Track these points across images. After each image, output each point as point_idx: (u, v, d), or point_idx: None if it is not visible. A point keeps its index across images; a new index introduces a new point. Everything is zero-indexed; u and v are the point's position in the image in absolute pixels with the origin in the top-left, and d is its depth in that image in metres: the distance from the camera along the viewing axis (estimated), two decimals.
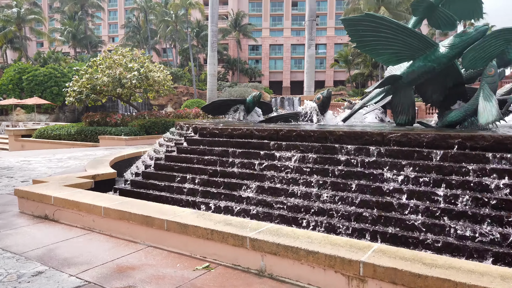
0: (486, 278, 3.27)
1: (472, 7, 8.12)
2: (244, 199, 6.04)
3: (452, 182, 4.89)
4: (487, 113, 6.03)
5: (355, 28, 6.97)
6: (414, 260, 3.64)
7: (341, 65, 62.16)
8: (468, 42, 6.48)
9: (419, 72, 7.08)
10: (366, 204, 5.17)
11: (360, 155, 5.78)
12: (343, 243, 4.13)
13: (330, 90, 9.47)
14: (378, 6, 42.84)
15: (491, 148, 5.01)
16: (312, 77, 32.92)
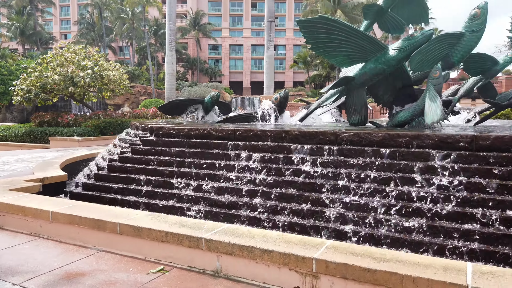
0: (430, 270, 3.45)
1: (419, 12, 8.56)
2: (201, 199, 5.99)
3: (399, 179, 5.11)
4: (432, 113, 6.37)
5: (310, 30, 7.12)
6: (364, 255, 3.77)
7: (300, 66, 63.20)
8: (415, 45, 6.82)
9: (371, 73, 7.35)
10: (322, 203, 5.28)
11: (314, 155, 5.90)
12: (297, 240, 4.20)
13: (287, 91, 9.61)
14: (334, 9, 44.00)
15: (435, 146, 5.29)
16: (272, 78, 33.22)
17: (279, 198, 5.54)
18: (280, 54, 77.81)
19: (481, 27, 7.23)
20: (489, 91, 8.69)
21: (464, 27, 7.31)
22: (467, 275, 3.32)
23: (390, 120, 7.66)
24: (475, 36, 7.22)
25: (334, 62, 7.62)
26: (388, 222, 4.76)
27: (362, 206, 5.03)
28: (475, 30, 7.20)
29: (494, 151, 4.93)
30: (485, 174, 4.75)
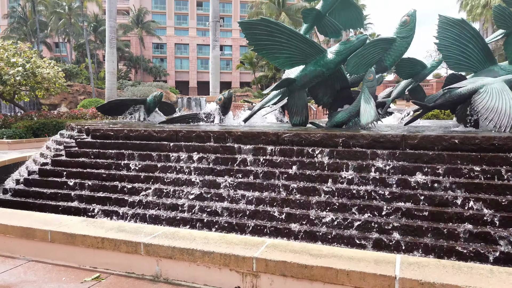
0: (362, 263, 3.63)
1: (355, 17, 9.00)
2: (142, 203, 5.82)
3: (337, 178, 5.33)
4: (367, 114, 6.72)
5: (252, 32, 7.19)
6: (302, 252, 3.88)
7: (246, 67, 63.56)
8: (351, 49, 7.14)
9: (311, 76, 7.59)
10: (263, 202, 5.35)
11: (257, 155, 5.97)
12: (238, 241, 4.22)
13: (232, 92, 9.63)
14: (279, 11, 44.87)
15: (369, 145, 5.58)
16: (218, 78, 33.13)
17: (224, 199, 5.53)
18: (226, 54, 77.73)
19: (410, 33, 7.73)
20: (419, 93, 9.33)
21: (395, 33, 7.79)
22: (395, 267, 3.53)
23: (329, 120, 7.96)
24: (405, 41, 7.72)
25: (276, 64, 7.76)
26: (327, 219, 4.93)
27: (304, 204, 5.17)
28: (405, 36, 7.69)
29: (421, 150, 5.30)
30: (413, 171, 5.09)
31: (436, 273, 3.40)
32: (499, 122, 5.88)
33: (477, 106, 6.25)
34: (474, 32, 7.64)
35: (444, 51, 7.82)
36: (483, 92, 6.28)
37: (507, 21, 7.83)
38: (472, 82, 6.81)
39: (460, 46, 7.64)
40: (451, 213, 4.56)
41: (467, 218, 4.48)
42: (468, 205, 4.58)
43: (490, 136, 5.03)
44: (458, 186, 4.77)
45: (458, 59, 7.77)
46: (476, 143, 5.04)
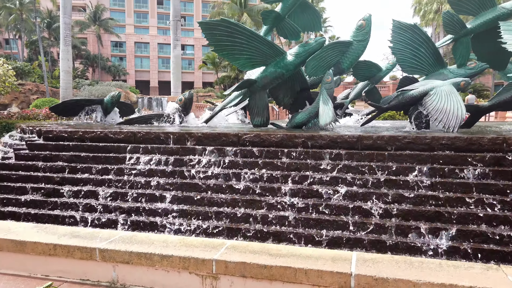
0: (320, 262, 3.71)
1: (313, 20, 9.20)
2: (99, 207, 5.63)
3: (296, 177, 5.41)
4: (325, 115, 6.88)
5: (212, 32, 7.16)
6: (261, 252, 3.91)
7: (209, 67, 63.06)
8: (309, 51, 7.29)
9: (271, 77, 7.66)
10: (223, 203, 5.33)
11: (218, 156, 5.95)
12: (198, 243, 4.19)
13: (192, 92, 9.54)
14: (241, 12, 44.92)
15: (327, 146, 5.71)
16: (179, 78, 32.67)
17: (183, 201, 5.46)
18: (188, 54, 76.70)
19: (366, 37, 8.00)
20: (375, 95, 9.68)
21: (352, 36, 8.04)
22: (351, 264, 3.64)
23: (290, 121, 8.07)
24: (361, 44, 7.98)
25: (236, 65, 7.77)
26: (289, 218, 4.99)
27: (265, 204, 5.20)
28: (361, 39, 7.95)
29: (376, 149, 5.49)
30: (368, 170, 5.26)
31: (390, 268, 3.54)
32: (448, 122, 6.22)
33: (428, 108, 6.57)
34: (425, 37, 8.03)
35: (398, 55, 8.16)
36: (433, 95, 6.61)
37: (455, 27, 8.29)
38: (423, 85, 7.15)
39: (412, 49, 8.00)
40: (402, 210, 4.75)
41: (414, 215, 4.68)
42: (413, 202, 4.80)
43: (439, 136, 5.30)
44: (409, 185, 4.98)
45: (411, 62, 8.13)
46: (426, 143, 5.29)
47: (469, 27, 8.27)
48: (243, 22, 41.94)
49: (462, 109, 6.30)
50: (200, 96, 43.97)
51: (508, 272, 3.44)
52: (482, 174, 4.85)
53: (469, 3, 8.13)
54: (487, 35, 8.19)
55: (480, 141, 5.12)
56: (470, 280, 3.27)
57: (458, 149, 5.17)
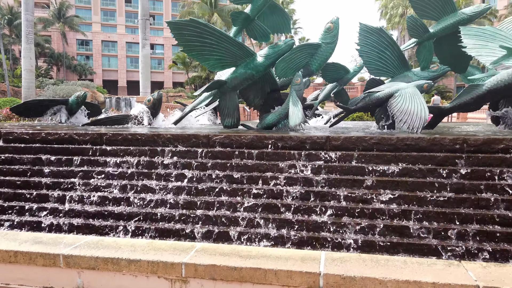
0: (290, 262, 3.75)
1: (283, 22, 9.29)
2: (63, 212, 5.43)
3: (267, 179, 5.43)
4: (295, 116, 6.96)
5: (181, 32, 7.08)
6: (232, 254, 3.91)
7: (179, 67, 62.33)
8: (279, 53, 7.35)
9: (241, 78, 7.66)
10: (194, 205, 5.28)
11: (188, 158, 5.89)
12: (167, 247, 4.14)
13: (161, 93, 9.40)
14: (211, 12, 44.62)
15: (297, 147, 5.77)
16: (148, 78, 32.09)
17: (151, 204, 5.36)
18: (158, 53, 75.50)
19: (334, 40, 8.15)
20: (343, 96, 9.88)
21: (320, 39, 8.17)
22: (320, 263, 3.70)
23: (260, 122, 8.10)
24: (329, 47, 8.12)
25: (206, 65, 7.72)
26: (258, 220, 5.00)
27: (234, 204, 5.19)
28: (329, 42, 8.10)
29: (344, 150, 5.60)
30: (338, 170, 5.36)
31: (357, 267, 3.62)
32: (412, 123, 6.44)
33: (393, 109, 6.78)
34: (390, 40, 8.27)
35: (364, 57, 8.37)
36: (398, 96, 6.83)
37: (419, 31, 8.59)
38: (389, 87, 7.37)
39: (378, 52, 8.22)
40: (372, 209, 4.87)
41: (381, 214, 4.81)
42: (386, 200, 4.93)
43: (403, 137, 5.47)
44: (375, 184, 5.11)
45: (377, 64, 8.36)
46: (391, 143, 5.45)
47: (431, 31, 8.60)
48: (214, 22, 41.73)
49: (425, 111, 6.54)
50: (170, 97, 43.38)
51: (468, 268, 3.60)
52: (443, 174, 5.04)
53: (432, 8, 8.45)
54: (449, 39, 8.54)
55: (442, 142, 5.32)
56: (433, 276, 3.40)
57: (421, 149, 5.35)
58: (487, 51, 7.69)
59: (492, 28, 8.22)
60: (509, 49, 7.43)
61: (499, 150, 5.17)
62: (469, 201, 4.73)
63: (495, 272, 3.49)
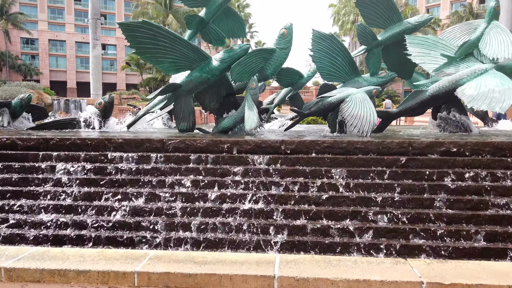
0: (245, 266, 3.77)
1: (237, 26, 9.37)
2: (5, 222, 5.09)
3: (224, 183, 5.42)
4: (250, 120, 7.02)
5: (133, 34, 6.93)
6: (186, 261, 3.86)
7: (133, 68, 60.64)
8: (234, 57, 7.38)
9: (196, 81, 7.61)
10: (149, 212, 5.15)
11: (141, 163, 5.74)
12: (119, 255, 4.01)
13: (113, 95, 9.11)
14: (166, 13, 43.90)
15: (253, 151, 5.82)
16: (99, 79, 30.98)
17: (100, 211, 5.16)
18: (110, 54, 73.02)
19: (288, 45, 8.32)
20: (297, 100, 10.11)
21: (275, 44, 8.31)
22: (275, 266, 3.75)
23: (216, 126, 8.08)
24: (283, 52, 8.28)
25: (160, 68, 7.60)
26: (215, 224, 4.97)
27: (189, 211, 5.12)
28: (283, 47, 8.25)
29: (299, 153, 5.72)
30: (290, 173, 5.46)
31: (310, 268, 3.71)
32: (362, 128, 6.72)
33: (344, 114, 7.03)
34: (342, 46, 8.58)
35: (317, 63, 8.62)
36: (349, 101, 7.10)
37: (368, 38, 8.99)
38: (340, 92, 7.64)
39: (330, 58, 8.51)
40: (325, 211, 5.01)
41: (333, 215, 4.96)
42: (334, 204, 5.09)
43: (354, 141, 5.69)
44: (328, 187, 5.27)
45: (329, 70, 8.64)
46: (343, 147, 5.65)
47: (379, 39, 9.03)
48: (169, 24, 41.08)
49: (374, 115, 6.85)
50: (124, 99, 42.03)
51: (413, 265, 3.80)
52: (391, 175, 5.30)
53: (379, 18, 8.88)
54: (395, 47, 9.01)
55: (389, 145, 5.59)
56: (381, 275, 3.56)
57: (370, 152, 5.59)
58: (430, 58, 8.21)
59: (434, 37, 8.78)
60: (449, 57, 7.98)
61: (441, 153, 5.52)
62: (415, 201, 5.00)
63: (438, 268, 3.71)
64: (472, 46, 8.07)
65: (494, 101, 6.86)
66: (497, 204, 4.89)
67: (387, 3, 8.77)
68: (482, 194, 5.05)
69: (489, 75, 7.37)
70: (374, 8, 8.80)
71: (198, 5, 8.98)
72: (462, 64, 7.94)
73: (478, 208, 4.90)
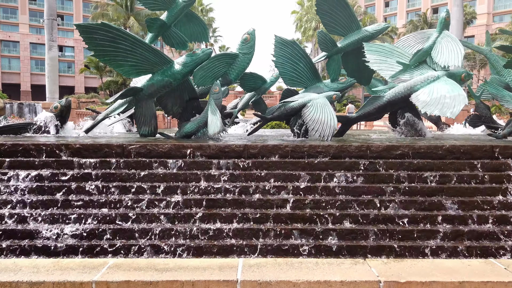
0: (207, 272, 3.75)
1: (200, 31, 9.34)
2: None
3: (186, 188, 5.36)
4: (213, 125, 7.00)
5: (92, 36, 6.73)
6: (147, 268, 3.79)
7: (92, 71, 58.70)
8: (197, 62, 7.34)
9: (158, 85, 7.49)
10: (105, 219, 4.99)
11: (100, 169, 5.57)
12: (75, 265, 3.87)
13: (70, 99, 8.77)
14: (127, 15, 42.91)
15: (215, 155, 5.80)
16: (56, 82, 29.72)
17: (57, 220, 4.94)
18: (68, 56, 70.33)
19: (251, 50, 8.39)
20: (261, 105, 10.18)
21: (238, 49, 8.35)
22: (238, 270, 3.76)
23: (179, 131, 7.98)
24: (246, 57, 8.33)
25: (120, 72, 7.42)
26: (178, 230, 4.89)
27: (151, 217, 5.01)
28: (246, 52, 8.31)
29: (262, 158, 5.77)
30: (253, 178, 5.49)
31: (273, 271, 3.75)
32: (323, 132, 6.88)
33: (306, 118, 7.17)
34: (303, 53, 8.76)
35: (280, 68, 8.75)
36: (310, 106, 7.25)
37: (328, 45, 9.23)
38: (302, 97, 7.79)
39: (292, 64, 8.66)
40: (287, 214, 5.07)
41: (295, 218, 5.03)
42: (296, 207, 5.17)
43: (315, 145, 5.81)
44: (291, 190, 5.34)
45: (291, 75, 8.79)
46: (305, 151, 5.76)
47: (339, 46, 9.29)
48: (130, 26, 40.17)
49: (335, 120, 7.04)
50: (82, 103, 40.52)
51: (372, 265, 3.93)
52: (350, 179, 5.46)
53: (339, 25, 9.15)
54: (354, 54, 9.32)
55: (348, 149, 5.76)
56: (341, 275, 3.66)
57: (331, 156, 5.73)
58: (386, 65, 8.56)
59: (390, 45, 9.16)
60: (405, 65, 8.35)
61: (397, 156, 5.76)
62: (373, 203, 5.17)
63: (394, 267, 3.87)
64: (425, 54, 8.49)
65: (445, 107, 7.25)
66: (449, 204, 5.15)
67: (346, 12, 9.05)
68: (436, 195, 5.31)
69: (441, 82, 7.78)
70: (334, 16, 9.06)
71: (160, 8, 8.86)
72: (416, 71, 8.34)
73: (432, 208, 5.14)
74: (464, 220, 4.97)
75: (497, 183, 5.45)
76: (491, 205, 5.15)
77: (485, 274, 3.67)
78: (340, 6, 8.98)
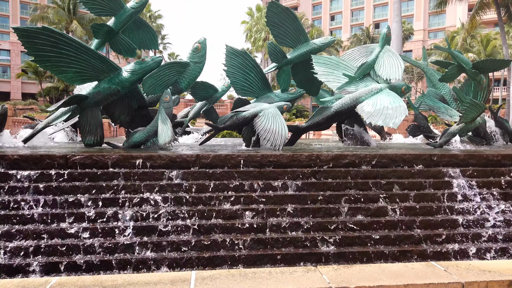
0: (159, 286, 3.62)
1: (149, 38, 9.15)
2: None
3: (133, 201, 5.17)
4: (164, 134, 6.84)
5: (32, 41, 6.34)
6: (94, 286, 3.60)
7: (30, 76, 55.19)
8: (146, 69, 7.16)
9: (105, 93, 7.20)
10: (45, 235, 4.69)
11: (41, 181, 5.22)
12: (13, 286, 3.59)
13: (5, 107, 8.17)
14: (70, 19, 40.84)
15: (167, 165, 5.67)
16: None
17: None
18: (3, 60, 65.64)
19: (202, 59, 8.35)
20: (212, 114, 10.13)
21: (188, 58, 8.27)
22: (190, 284, 3.67)
23: (127, 140, 7.70)
24: (198, 66, 8.28)
25: (63, 78, 7.03)
26: (130, 242, 4.71)
27: (108, 231, 4.77)
28: (197, 61, 8.26)
29: (214, 167, 5.72)
30: (205, 188, 5.43)
31: (226, 283, 3.71)
32: (274, 141, 6.98)
33: (258, 128, 7.25)
34: (254, 63, 8.87)
35: (231, 78, 8.78)
36: (262, 116, 7.34)
37: (278, 56, 9.43)
38: (253, 107, 7.86)
39: (243, 74, 8.73)
40: (240, 224, 5.06)
41: (247, 228, 5.05)
42: (249, 216, 5.19)
43: (267, 154, 5.88)
44: (243, 199, 5.35)
45: (242, 85, 8.85)
46: (257, 160, 5.80)
47: (288, 58, 9.53)
48: (73, 31, 38.31)
49: (285, 129, 7.17)
50: (19, 110, 37.88)
51: (323, 272, 4.02)
52: (301, 186, 5.58)
53: (288, 37, 9.39)
54: (303, 66, 9.59)
55: (299, 158, 5.89)
56: (294, 283, 3.70)
57: (282, 165, 5.83)
58: (333, 77, 8.91)
59: (337, 58, 9.55)
60: (350, 77, 8.74)
61: (345, 165, 5.98)
62: (323, 210, 5.32)
63: (344, 273, 3.98)
64: (369, 68, 8.95)
65: (388, 117, 7.66)
66: (393, 210, 5.44)
67: (295, 25, 9.31)
68: (380, 201, 5.57)
69: (383, 94, 8.23)
70: (283, 29, 9.29)
71: (106, 14, 8.54)
72: (361, 83, 8.76)
73: (378, 214, 5.39)
74: (407, 225, 5.27)
75: (436, 189, 5.84)
76: (432, 210, 5.51)
77: (427, 277, 3.90)
78: (289, 18, 9.23)
